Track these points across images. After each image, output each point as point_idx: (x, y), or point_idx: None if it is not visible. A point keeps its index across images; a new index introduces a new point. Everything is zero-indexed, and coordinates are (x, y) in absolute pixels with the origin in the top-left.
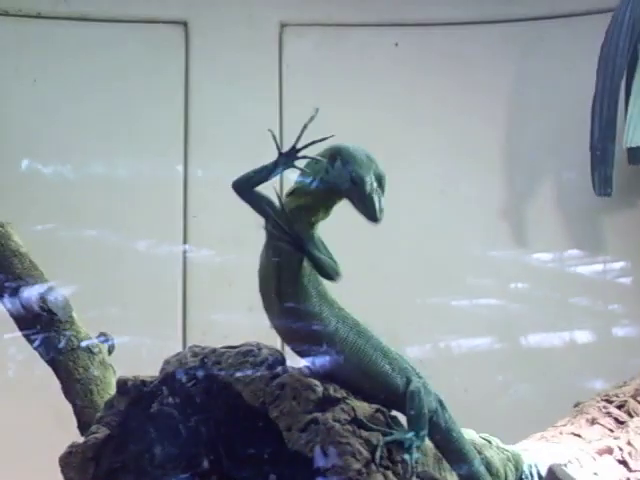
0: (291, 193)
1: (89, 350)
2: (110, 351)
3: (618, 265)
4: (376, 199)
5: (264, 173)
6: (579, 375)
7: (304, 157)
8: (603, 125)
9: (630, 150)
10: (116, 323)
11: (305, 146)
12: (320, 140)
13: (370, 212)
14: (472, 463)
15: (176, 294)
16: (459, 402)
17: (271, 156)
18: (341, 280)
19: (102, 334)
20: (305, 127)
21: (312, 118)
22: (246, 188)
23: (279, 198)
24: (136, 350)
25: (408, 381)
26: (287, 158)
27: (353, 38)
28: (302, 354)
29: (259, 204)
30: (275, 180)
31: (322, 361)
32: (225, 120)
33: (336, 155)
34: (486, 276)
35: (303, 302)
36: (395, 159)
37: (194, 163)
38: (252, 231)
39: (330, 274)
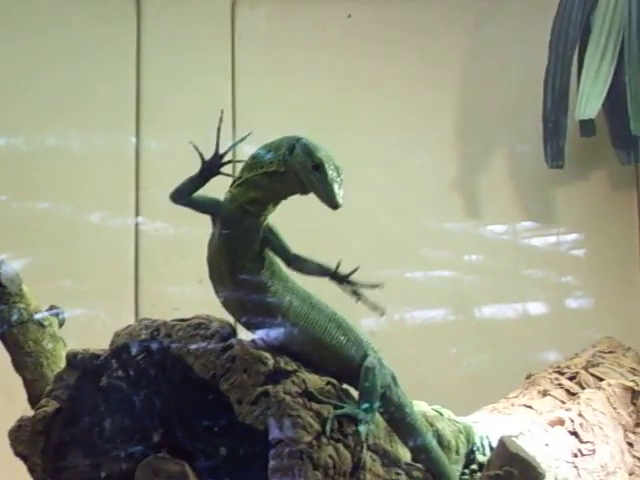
0: (240, 185)
1: (39, 323)
2: (60, 324)
3: (571, 237)
4: (337, 187)
5: (193, 183)
6: (532, 347)
7: (228, 162)
8: (555, 97)
9: (582, 122)
10: (68, 296)
11: (227, 151)
12: (240, 141)
13: (331, 198)
14: (424, 438)
15: (128, 267)
16: (411, 374)
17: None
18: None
19: (52, 307)
20: (218, 130)
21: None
22: (182, 198)
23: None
24: (87, 323)
25: (365, 354)
26: (211, 165)
27: (306, 9)
28: (253, 327)
29: (201, 207)
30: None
31: (274, 333)
32: (177, 92)
33: (294, 144)
34: (439, 248)
35: (255, 275)
36: (347, 131)
37: (146, 135)
38: None
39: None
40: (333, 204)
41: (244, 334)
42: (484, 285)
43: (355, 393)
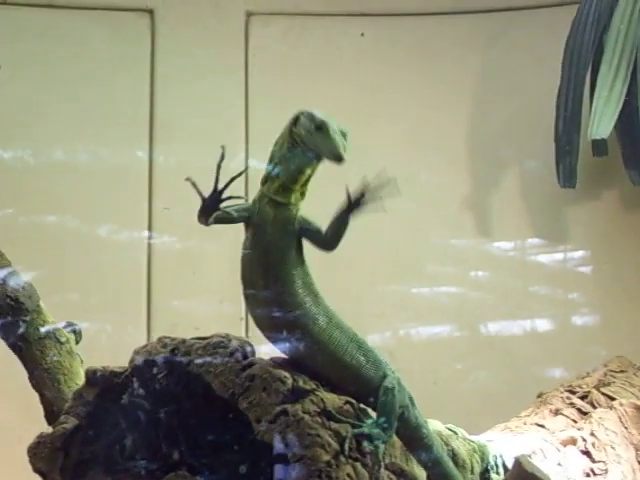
0: (265, 181)
1: (56, 339)
2: (77, 340)
3: (581, 255)
4: (339, 140)
5: (203, 219)
6: (539, 363)
7: (229, 198)
8: (568, 117)
9: (594, 142)
10: (79, 310)
11: (226, 185)
12: (238, 175)
13: (334, 151)
14: (441, 458)
15: (140, 282)
16: (420, 391)
17: (235, 146)
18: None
19: (69, 323)
20: (218, 167)
21: (222, 158)
22: (205, 220)
23: None
24: (100, 337)
25: (383, 375)
26: (211, 202)
27: (319, 28)
28: (277, 342)
29: (232, 219)
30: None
31: (297, 348)
32: (191, 109)
33: (299, 115)
34: (448, 264)
35: (288, 289)
36: (361, 148)
37: (159, 151)
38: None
39: (335, 244)
40: (336, 156)
41: (263, 353)
42: (492, 301)
43: (373, 413)
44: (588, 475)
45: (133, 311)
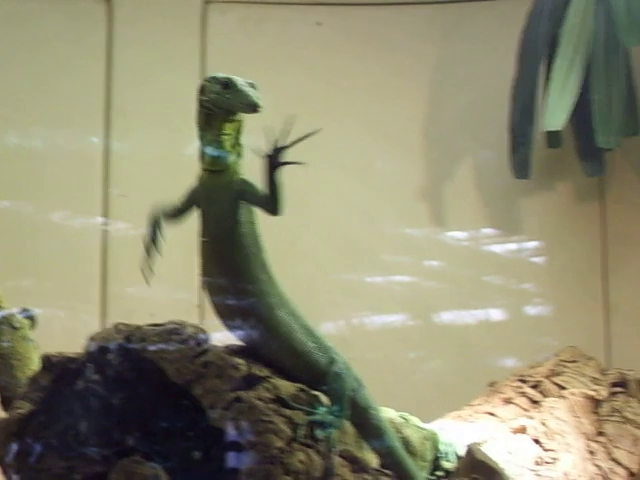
0: (202, 160)
1: (10, 325)
2: (32, 326)
3: (533, 246)
4: (250, 90)
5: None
6: (491, 352)
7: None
8: (523, 108)
9: (549, 133)
10: (32, 296)
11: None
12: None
13: (249, 101)
14: (389, 439)
15: (94, 268)
16: (373, 379)
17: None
18: None
19: (24, 309)
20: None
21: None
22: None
23: None
24: (54, 323)
25: (331, 360)
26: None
27: (276, 16)
28: (234, 329)
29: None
30: None
31: (251, 337)
32: (147, 94)
33: (203, 83)
34: (402, 254)
35: (242, 265)
36: (316, 137)
37: (115, 136)
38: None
39: (278, 206)
40: (251, 106)
41: (217, 340)
42: (445, 291)
43: (324, 397)
44: (538, 463)
45: (87, 297)
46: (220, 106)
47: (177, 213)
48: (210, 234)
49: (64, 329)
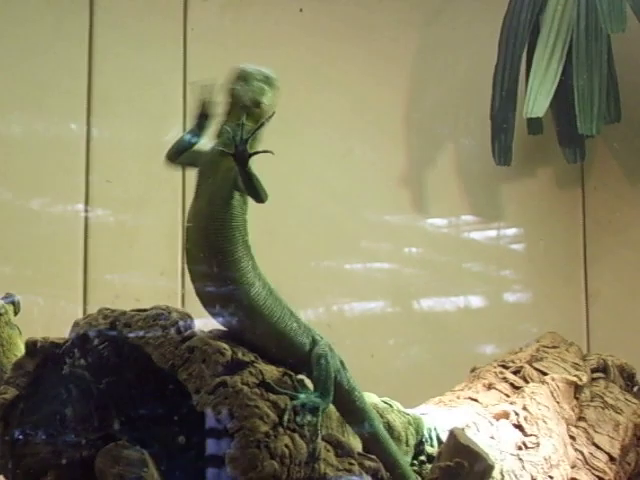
0: (218, 135)
1: None
2: (16, 312)
3: (512, 231)
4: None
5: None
6: (472, 339)
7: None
8: (504, 95)
9: (530, 120)
10: (15, 283)
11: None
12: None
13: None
14: (373, 423)
15: (77, 255)
16: (355, 365)
17: (174, 119)
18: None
19: (8, 294)
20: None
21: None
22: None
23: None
24: (35, 310)
25: (314, 341)
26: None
27: (258, 3)
28: (217, 314)
29: (186, 160)
30: None
31: (235, 321)
32: (129, 82)
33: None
34: (382, 240)
35: (228, 245)
36: (298, 123)
37: (97, 124)
38: (156, 192)
39: (261, 195)
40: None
41: (202, 325)
42: (426, 278)
43: (308, 381)
44: (520, 448)
45: (69, 284)
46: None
47: (188, 155)
48: (200, 211)
49: (45, 315)
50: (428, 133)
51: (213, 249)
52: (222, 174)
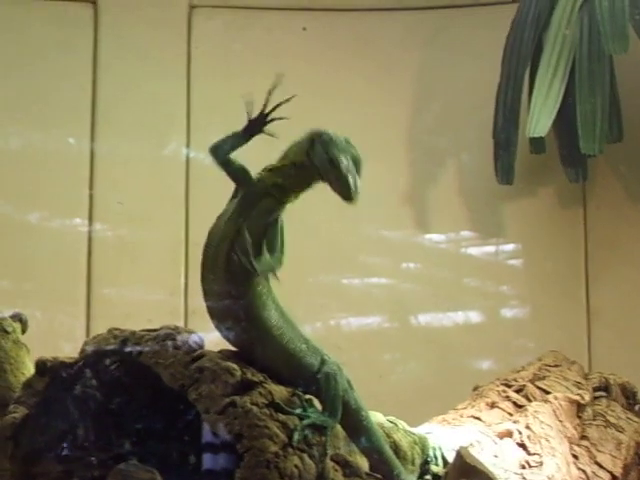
0: (270, 170)
1: (2, 329)
2: (24, 330)
3: (511, 248)
4: (351, 180)
5: (235, 140)
6: (471, 355)
7: (272, 120)
8: (507, 114)
9: (533, 139)
10: (19, 298)
11: (272, 110)
12: (286, 101)
13: (345, 192)
14: (379, 442)
15: (80, 271)
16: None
17: (176, 136)
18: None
19: (16, 313)
20: (270, 93)
21: (275, 86)
22: (221, 154)
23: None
24: (40, 326)
25: (322, 361)
26: (256, 124)
27: (262, 21)
28: (228, 333)
29: (233, 171)
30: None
31: (246, 341)
32: (133, 98)
33: (315, 138)
34: (380, 256)
35: (248, 280)
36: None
37: (101, 139)
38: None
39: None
40: (347, 198)
41: (210, 343)
42: (424, 293)
43: (316, 400)
44: (524, 467)
45: (72, 300)
46: (319, 172)
47: (234, 169)
48: (225, 234)
49: (50, 332)
50: (430, 150)
51: (232, 272)
52: (265, 212)
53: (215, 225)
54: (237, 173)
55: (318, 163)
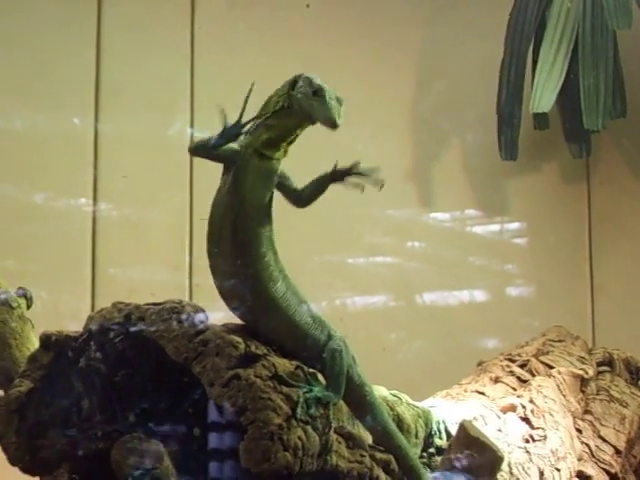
0: (254, 131)
1: (8, 304)
2: (29, 306)
3: (517, 226)
4: (335, 107)
5: (216, 140)
6: (476, 332)
7: (251, 120)
8: (510, 90)
9: (536, 115)
10: (27, 277)
11: (249, 121)
12: (245, 103)
13: (329, 116)
14: (382, 417)
15: (85, 250)
16: (359, 357)
17: (180, 114)
18: None
19: (20, 288)
20: (246, 100)
21: (250, 91)
22: (204, 151)
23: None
24: (44, 305)
25: (329, 335)
26: (235, 128)
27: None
28: (234, 304)
29: (219, 156)
30: None
31: (252, 313)
32: (137, 77)
33: (297, 78)
34: (385, 235)
35: (254, 240)
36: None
37: (105, 118)
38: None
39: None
40: (331, 122)
41: (214, 319)
42: (429, 272)
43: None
44: (527, 441)
45: (77, 278)
46: (303, 108)
47: (212, 154)
48: (234, 200)
49: (53, 309)
50: (433, 128)
51: (239, 242)
52: (261, 175)
53: (216, 198)
54: (223, 155)
55: (301, 98)
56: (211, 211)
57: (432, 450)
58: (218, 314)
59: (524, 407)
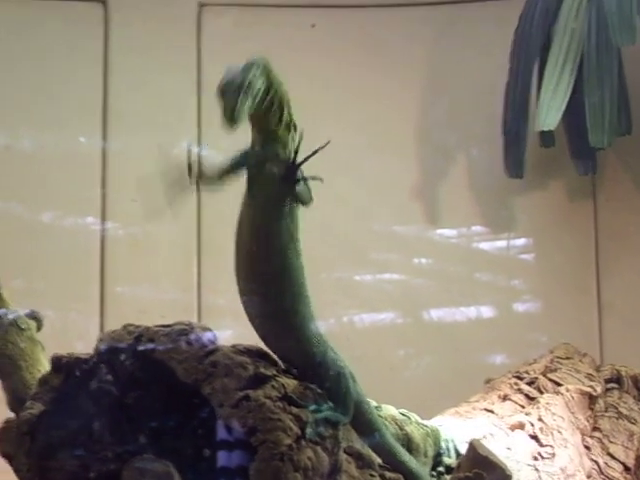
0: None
1: (18, 326)
2: (39, 327)
3: (523, 242)
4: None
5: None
6: (483, 349)
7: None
8: (516, 108)
9: (542, 133)
10: (31, 297)
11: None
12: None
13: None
14: (382, 433)
15: (93, 269)
16: (362, 376)
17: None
18: None
19: (31, 311)
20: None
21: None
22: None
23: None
24: (55, 324)
25: (324, 352)
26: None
27: (271, 19)
28: (251, 300)
29: (233, 168)
30: None
31: (264, 313)
32: (144, 96)
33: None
34: (392, 251)
35: (276, 242)
36: (309, 136)
37: (112, 138)
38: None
39: (307, 200)
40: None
41: (222, 340)
42: (436, 288)
43: None
44: (536, 459)
45: (85, 298)
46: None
47: (227, 173)
48: (255, 194)
49: (62, 329)
50: (439, 145)
51: (260, 245)
52: (269, 176)
53: (240, 219)
54: (233, 169)
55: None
56: (238, 224)
57: (441, 469)
58: (227, 332)
59: (532, 425)
